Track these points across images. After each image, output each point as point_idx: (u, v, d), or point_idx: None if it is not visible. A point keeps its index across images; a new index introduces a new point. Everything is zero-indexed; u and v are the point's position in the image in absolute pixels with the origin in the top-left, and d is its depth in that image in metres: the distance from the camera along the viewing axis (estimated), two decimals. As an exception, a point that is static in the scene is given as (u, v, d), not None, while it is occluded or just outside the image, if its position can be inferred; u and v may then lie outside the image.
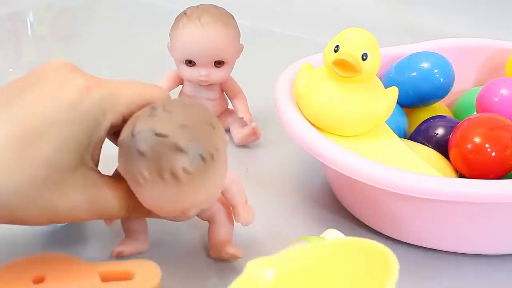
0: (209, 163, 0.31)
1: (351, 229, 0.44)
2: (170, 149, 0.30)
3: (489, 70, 0.55)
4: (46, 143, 0.30)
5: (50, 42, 0.82)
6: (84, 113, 0.31)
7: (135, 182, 0.31)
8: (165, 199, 0.31)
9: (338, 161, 0.38)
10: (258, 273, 0.27)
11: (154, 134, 0.30)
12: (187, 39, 0.49)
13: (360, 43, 0.40)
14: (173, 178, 0.30)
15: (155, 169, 0.30)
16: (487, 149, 0.40)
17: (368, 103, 0.42)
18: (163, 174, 0.30)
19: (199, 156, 0.30)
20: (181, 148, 0.30)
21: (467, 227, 0.40)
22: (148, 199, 0.32)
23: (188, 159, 0.30)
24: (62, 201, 0.32)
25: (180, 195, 0.31)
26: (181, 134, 0.30)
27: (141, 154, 0.30)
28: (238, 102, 0.53)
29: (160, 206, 0.32)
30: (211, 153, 0.31)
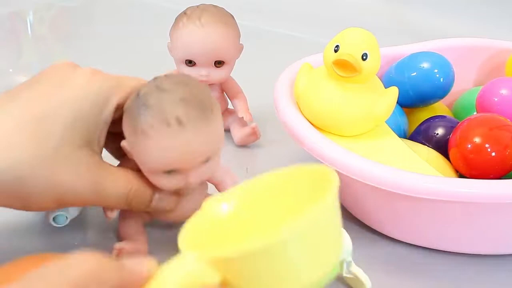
0: (209, 113, 0.33)
1: (351, 229, 0.43)
2: (174, 100, 0.32)
3: (489, 70, 0.55)
4: (58, 120, 0.32)
5: (50, 42, 0.82)
6: (92, 92, 0.33)
7: (142, 135, 0.32)
8: (170, 148, 0.32)
9: (338, 161, 0.38)
10: (213, 208, 0.29)
11: (158, 90, 0.33)
12: (187, 39, 0.49)
13: (360, 43, 0.40)
14: (178, 124, 0.32)
15: (161, 117, 0.32)
16: (487, 149, 0.40)
17: (368, 103, 0.42)
18: (169, 121, 0.32)
19: (200, 106, 0.33)
20: (185, 99, 0.33)
21: (467, 227, 0.40)
22: (154, 152, 0.33)
23: (191, 107, 0.32)
24: (68, 177, 0.33)
25: (183, 142, 0.32)
26: (184, 89, 0.33)
27: (148, 106, 0.32)
28: (238, 102, 0.53)
29: (165, 158, 0.33)
30: (211, 105, 0.34)
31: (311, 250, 0.24)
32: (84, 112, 0.33)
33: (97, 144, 0.35)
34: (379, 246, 0.42)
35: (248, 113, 0.52)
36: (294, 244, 0.24)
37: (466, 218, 0.39)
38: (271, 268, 0.24)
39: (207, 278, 0.24)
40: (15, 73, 0.69)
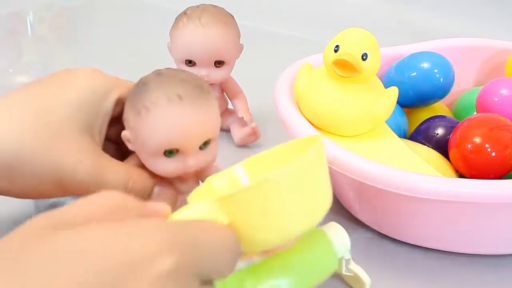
0: (206, 93, 0.35)
1: (351, 228, 0.44)
2: (174, 81, 0.34)
3: (489, 70, 0.55)
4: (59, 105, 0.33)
5: (50, 42, 0.82)
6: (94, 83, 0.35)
7: (143, 112, 0.34)
8: (170, 121, 0.34)
9: (338, 161, 0.38)
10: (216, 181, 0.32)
11: (158, 75, 0.35)
12: (187, 39, 0.49)
13: (360, 43, 0.40)
14: (179, 99, 0.34)
15: (162, 94, 0.34)
16: (487, 149, 0.40)
17: (368, 103, 0.42)
18: (169, 96, 0.34)
19: (198, 86, 0.35)
20: (184, 79, 0.35)
21: (467, 227, 0.40)
22: (156, 126, 0.34)
23: (190, 87, 0.34)
24: (68, 158, 0.33)
25: (184, 116, 0.34)
26: (182, 74, 0.35)
27: (149, 86, 0.34)
28: (238, 102, 0.53)
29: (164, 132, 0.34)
30: (208, 87, 0.36)
31: (299, 194, 0.28)
32: (85, 102, 0.34)
33: (98, 135, 0.35)
34: (379, 246, 0.42)
35: (248, 113, 0.52)
36: (284, 185, 0.27)
37: (466, 218, 0.39)
38: (265, 208, 0.27)
39: (217, 219, 0.27)
40: (15, 73, 0.69)
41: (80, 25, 0.84)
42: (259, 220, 0.27)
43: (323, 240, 0.35)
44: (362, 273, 0.37)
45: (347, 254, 0.36)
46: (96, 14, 0.89)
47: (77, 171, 0.33)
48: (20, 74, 0.69)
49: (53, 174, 0.33)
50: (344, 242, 0.36)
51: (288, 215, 0.27)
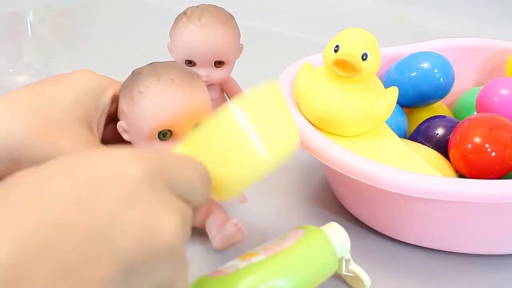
0: (197, 79, 0.37)
1: (351, 228, 0.43)
2: (166, 67, 0.36)
3: (489, 70, 0.55)
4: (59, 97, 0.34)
5: (50, 42, 0.82)
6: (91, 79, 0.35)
7: (136, 95, 0.35)
8: (163, 101, 0.35)
9: (338, 161, 0.38)
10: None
11: (151, 64, 0.37)
12: (187, 39, 0.49)
13: (360, 43, 0.40)
14: (170, 81, 0.35)
15: (154, 78, 0.35)
16: (487, 149, 0.40)
17: (368, 103, 0.42)
18: (161, 79, 0.35)
19: (189, 72, 0.37)
20: (175, 66, 0.36)
21: (467, 227, 0.40)
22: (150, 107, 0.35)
23: (181, 72, 0.36)
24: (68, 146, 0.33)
25: (175, 96, 0.35)
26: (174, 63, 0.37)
27: (141, 73, 0.36)
28: (238, 102, 0.53)
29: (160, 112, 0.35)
30: (198, 75, 0.37)
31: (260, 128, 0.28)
32: (83, 95, 0.35)
33: (96, 129, 0.36)
34: (379, 246, 0.42)
35: (248, 113, 0.52)
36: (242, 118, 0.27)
37: (466, 218, 0.39)
38: (228, 143, 0.28)
39: None
40: (15, 73, 0.69)
41: (80, 25, 0.84)
42: (226, 157, 0.28)
43: (323, 241, 0.35)
44: (362, 273, 0.37)
45: (347, 255, 0.36)
46: (96, 14, 0.89)
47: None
48: (20, 74, 0.69)
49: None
50: (344, 242, 0.36)
51: (251, 150, 0.28)
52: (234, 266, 0.33)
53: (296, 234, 0.36)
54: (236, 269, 0.33)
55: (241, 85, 0.54)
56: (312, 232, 0.36)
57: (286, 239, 0.36)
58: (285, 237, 0.36)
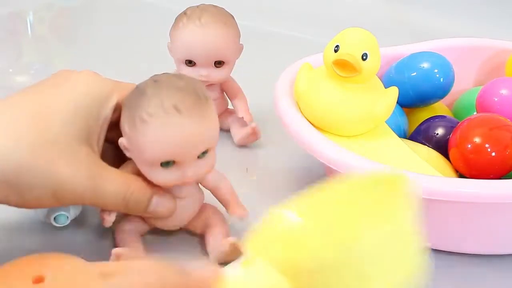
0: (204, 102, 0.34)
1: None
2: (171, 88, 0.34)
3: (489, 70, 0.55)
4: (56, 113, 0.33)
5: (50, 42, 0.82)
6: (93, 88, 0.34)
7: (139, 122, 0.33)
8: (168, 133, 0.33)
9: (338, 161, 0.38)
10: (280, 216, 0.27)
11: (155, 81, 0.34)
12: (187, 39, 0.49)
13: (360, 43, 0.40)
14: (175, 110, 0.33)
15: (159, 104, 0.33)
16: (487, 149, 0.40)
17: (368, 103, 0.42)
18: (166, 108, 0.33)
19: (195, 94, 0.34)
20: (181, 88, 0.34)
21: (467, 227, 0.40)
22: (153, 139, 0.34)
23: (187, 96, 0.34)
24: (65, 169, 0.32)
25: (181, 128, 0.33)
26: (180, 81, 0.35)
27: (145, 95, 0.34)
28: (238, 102, 0.53)
29: (161, 145, 0.34)
30: (206, 95, 0.35)
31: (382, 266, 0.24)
32: (84, 107, 0.34)
33: (96, 144, 0.35)
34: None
35: (248, 113, 0.52)
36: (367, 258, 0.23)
37: (466, 218, 0.39)
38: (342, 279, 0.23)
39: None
40: (15, 73, 0.69)
41: (80, 25, 0.84)
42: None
43: None
44: None
45: None
46: (96, 14, 0.89)
47: (73, 183, 0.33)
48: (20, 74, 0.69)
49: (50, 185, 0.32)
50: None
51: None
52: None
53: None
54: None
55: (241, 85, 0.54)
56: None
57: None
58: None
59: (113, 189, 0.34)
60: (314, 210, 0.28)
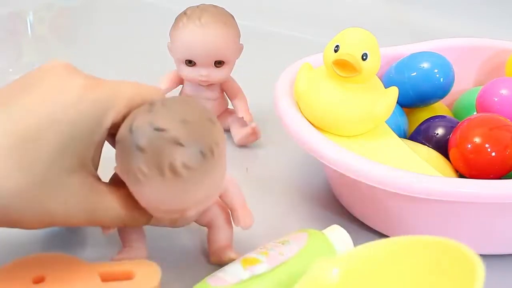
0: (209, 158, 0.30)
1: (351, 229, 0.43)
2: (169, 143, 0.29)
3: (489, 70, 0.55)
4: (46, 143, 0.29)
5: (50, 42, 0.82)
6: (84, 113, 0.30)
7: (134, 179, 0.30)
8: (165, 196, 0.30)
9: (338, 161, 0.38)
10: (323, 272, 0.28)
11: (153, 129, 0.29)
12: (187, 39, 0.49)
13: (360, 43, 0.40)
14: (173, 174, 0.29)
15: (154, 164, 0.29)
16: (487, 149, 0.40)
17: (368, 103, 0.42)
18: (162, 169, 0.29)
19: (199, 152, 0.30)
20: (181, 143, 0.29)
21: (467, 227, 0.40)
22: (148, 197, 0.31)
23: (188, 154, 0.29)
24: (58, 207, 0.31)
25: (180, 192, 0.30)
26: (181, 129, 0.30)
27: (139, 149, 0.29)
28: (238, 102, 0.53)
29: (159, 204, 0.31)
30: (211, 148, 0.30)
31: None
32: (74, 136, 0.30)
33: (92, 164, 0.32)
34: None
35: (248, 113, 0.52)
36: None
37: (466, 218, 0.39)
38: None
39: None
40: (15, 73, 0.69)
41: (80, 25, 0.84)
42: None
43: (327, 248, 0.35)
44: None
45: None
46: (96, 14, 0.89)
47: (68, 214, 0.31)
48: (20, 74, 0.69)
49: (43, 218, 0.31)
50: (346, 245, 0.36)
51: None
52: (236, 275, 0.33)
53: (299, 239, 0.35)
54: (239, 280, 0.32)
55: (241, 85, 0.54)
56: (316, 239, 0.35)
57: (289, 244, 0.35)
58: (288, 242, 0.35)
59: (110, 214, 0.33)
60: (354, 265, 0.29)
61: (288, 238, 0.36)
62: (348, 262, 0.29)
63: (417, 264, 0.27)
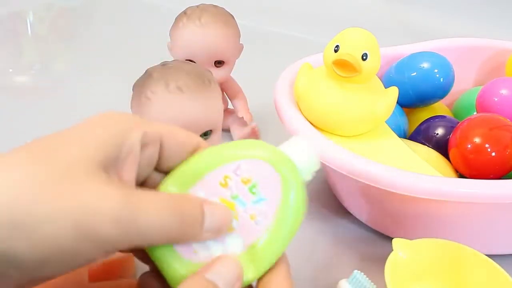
0: (207, 84, 0.36)
1: (351, 228, 0.44)
2: (175, 70, 0.36)
3: (489, 70, 0.55)
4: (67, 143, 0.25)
5: (50, 42, 0.82)
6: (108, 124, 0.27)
7: (145, 102, 0.36)
8: (171, 110, 0.36)
9: (338, 161, 0.38)
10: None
11: (163, 66, 0.37)
12: (187, 39, 0.49)
13: (360, 43, 0.40)
14: (178, 89, 0.35)
15: (163, 83, 0.36)
16: (487, 149, 0.40)
17: (368, 103, 0.42)
18: (169, 88, 0.35)
19: (199, 77, 0.36)
20: (186, 70, 0.36)
21: (467, 227, 0.40)
22: (157, 112, 0.36)
23: (191, 77, 0.36)
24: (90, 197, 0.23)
25: (182, 106, 0.36)
26: (186, 65, 0.37)
27: (152, 77, 0.36)
28: (238, 102, 0.53)
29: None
30: (209, 78, 0.37)
31: None
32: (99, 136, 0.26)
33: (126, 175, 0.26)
34: (379, 246, 0.42)
35: (248, 113, 0.52)
36: None
37: (466, 218, 0.39)
38: None
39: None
40: (15, 73, 0.69)
41: (80, 25, 0.84)
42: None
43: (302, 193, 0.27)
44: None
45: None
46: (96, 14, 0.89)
47: (101, 202, 0.23)
48: (20, 74, 0.69)
49: (74, 222, 0.23)
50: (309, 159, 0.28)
51: None
52: (206, 249, 0.26)
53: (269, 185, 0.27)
54: (209, 255, 0.26)
55: (241, 85, 0.54)
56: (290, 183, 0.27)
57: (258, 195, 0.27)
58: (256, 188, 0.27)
59: (155, 205, 0.25)
60: None
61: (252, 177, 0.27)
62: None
63: None
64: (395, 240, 0.35)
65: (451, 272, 0.35)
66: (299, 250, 0.39)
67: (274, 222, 0.26)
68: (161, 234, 0.25)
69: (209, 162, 0.27)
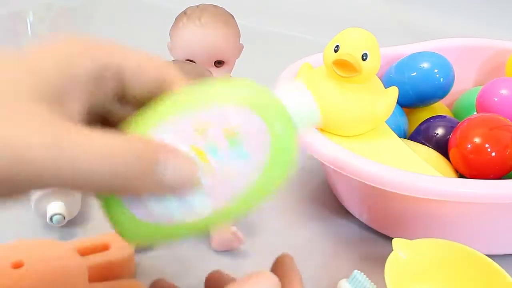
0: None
1: (351, 228, 0.44)
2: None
3: (489, 70, 0.55)
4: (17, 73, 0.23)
5: (50, 42, 0.82)
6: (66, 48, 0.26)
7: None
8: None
9: (338, 161, 0.38)
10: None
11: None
12: (187, 39, 0.49)
13: (360, 43, 0.40)
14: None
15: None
16: (487, 149, 0.40)
17: (368, 103, 0.42)
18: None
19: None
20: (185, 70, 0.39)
21: (467, 227, 0.40)
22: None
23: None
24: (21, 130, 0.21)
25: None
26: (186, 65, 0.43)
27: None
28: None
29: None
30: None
31: None
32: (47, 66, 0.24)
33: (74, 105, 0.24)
34: (379, 246, 0.42)
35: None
36: None
37: (466, 218, 0.39)
38: None
39: None
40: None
41: (80, 25, 0.84)
42: None
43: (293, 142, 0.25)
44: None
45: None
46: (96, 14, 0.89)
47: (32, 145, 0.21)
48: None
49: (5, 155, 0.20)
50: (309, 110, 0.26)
51: None
52: (164, 208, 0.22)
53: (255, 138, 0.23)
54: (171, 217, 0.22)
55: (241, 85, 0.54)
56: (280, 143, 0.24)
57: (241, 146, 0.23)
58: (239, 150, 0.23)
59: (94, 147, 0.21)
60: None
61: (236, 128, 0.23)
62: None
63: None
64: (395, 240, 0.35)
65: (451, 272, 0.35)
66: (299, 250, 0.39)
67: (252, 185, 0.23)
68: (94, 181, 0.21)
69: (186, 102, 0.23)
